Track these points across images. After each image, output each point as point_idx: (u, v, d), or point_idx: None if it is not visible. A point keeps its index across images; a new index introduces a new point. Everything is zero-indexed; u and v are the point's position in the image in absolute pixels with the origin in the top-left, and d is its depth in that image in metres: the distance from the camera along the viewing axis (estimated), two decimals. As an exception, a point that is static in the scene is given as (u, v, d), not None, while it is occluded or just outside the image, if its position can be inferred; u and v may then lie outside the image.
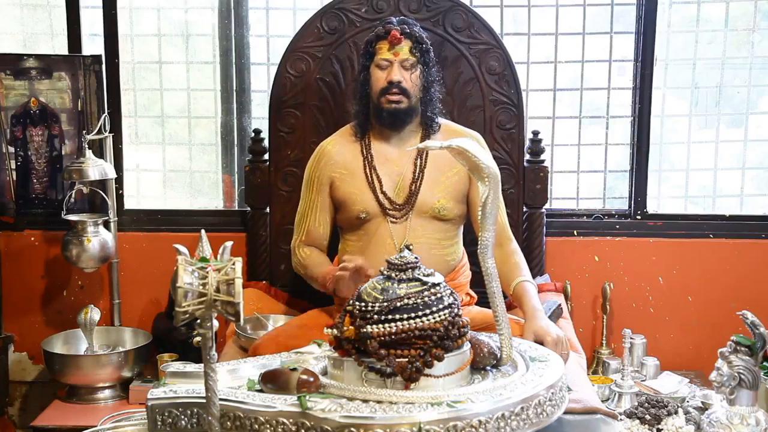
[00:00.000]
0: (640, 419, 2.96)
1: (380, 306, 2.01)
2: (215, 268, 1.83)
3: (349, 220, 2.86)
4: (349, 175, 2.84)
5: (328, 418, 1.88)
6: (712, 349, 2.90)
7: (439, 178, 2.83)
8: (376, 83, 2.79)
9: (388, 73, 2.77)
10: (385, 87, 2.77)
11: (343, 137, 2.92)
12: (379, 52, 2.78)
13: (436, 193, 2.81)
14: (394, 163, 2.84)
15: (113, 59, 3.61)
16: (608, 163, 3.70)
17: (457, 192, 2.84)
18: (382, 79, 2.77)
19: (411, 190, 2.81)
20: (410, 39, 2.77)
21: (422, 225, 2.80)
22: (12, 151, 3.61)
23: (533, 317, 2.54)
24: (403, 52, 2.77)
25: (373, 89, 2.80)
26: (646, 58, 3.53)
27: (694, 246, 3.57)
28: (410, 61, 2.77)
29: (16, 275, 3.67)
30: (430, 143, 2.24)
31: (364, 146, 2.86)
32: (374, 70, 2.80)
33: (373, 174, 2.83)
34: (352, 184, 2.83)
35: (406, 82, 2.76)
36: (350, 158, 2.86)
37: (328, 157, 2.88)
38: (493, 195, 2.15)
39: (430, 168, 2.83)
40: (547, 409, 2.01)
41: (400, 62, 2.77)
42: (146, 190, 3.80)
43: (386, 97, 2.77)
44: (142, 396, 2.98)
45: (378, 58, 2.79)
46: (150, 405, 2.05)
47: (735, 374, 2.74)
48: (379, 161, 2.84)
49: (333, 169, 2.86)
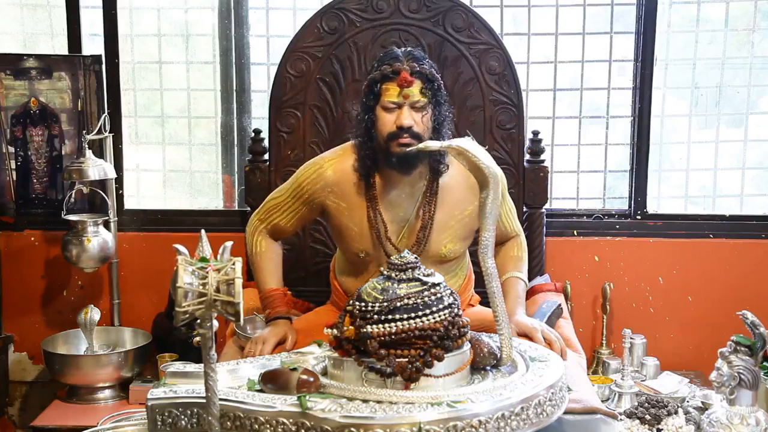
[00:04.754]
0: (640, 419, 2.96)
1: (380, 306, 2.01)
2: (215, 268, 1.83)
3: (348, 252, 2.72)
4: (348, 209, 2.65)
5: (328, 418, 1.88)
6: (712, 349, 2.90)
7: (449, 223, 2.64)
8: (383, 127, 2.52)
9: (398, 116, 2.49)
10: (394, 132, 2.50)
11: (346, 164, 2.65)
12: (386, 93, 2.50)
13: (443, 239, 2.64)
14: (400, 208, 2.64)
15: (113, 59, 3.61)
16: (608, 163, 3.69)
17: (467, 232, 2.69)
18: (391, 123, 2.50)
19: (418, 238, 2.62)
20: (421, 79, 2.50)
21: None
22: (12, 151, 3.61)
23: (511, 314, 2.53)
24: (413, 93, 2.49)
25: (380, 132, 2.54)
26: (646, 58, 3.53)
27: (694, 246, 3.57)
28: (421, 103, 2.50)
29: (16, 275, 3.67)
30: (431, 143, 2.24)
31: (368, 187, 2.63)
32: (381, 112, 2.53)
33: (378, 219, 2.62)
34: (351, 220, 2.65)
35: (417, 126, 2.50)
36: (351, 193, 2.64)
37: (326, 184, 2.65)
38: (493, 195, 2.15)
39: (440, 213, 2.63)
40: (547, 409, 2.01)
41: (411, 104, 2.50)
42: (146, 190, 3.80)
43: (397, 141, 2.50)
44: (142, 396, 2.98)
45: (385, 100, 2.51)
46: (150, 405, 2.05)
47: (735, 374, 2.74)
48: (384, 206, 2.63)
49: (330, 198, 2.66)
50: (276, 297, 2.71)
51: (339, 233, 2.71)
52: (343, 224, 2.67)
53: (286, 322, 2.65)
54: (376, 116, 2.55)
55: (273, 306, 2.69)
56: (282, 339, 2.57)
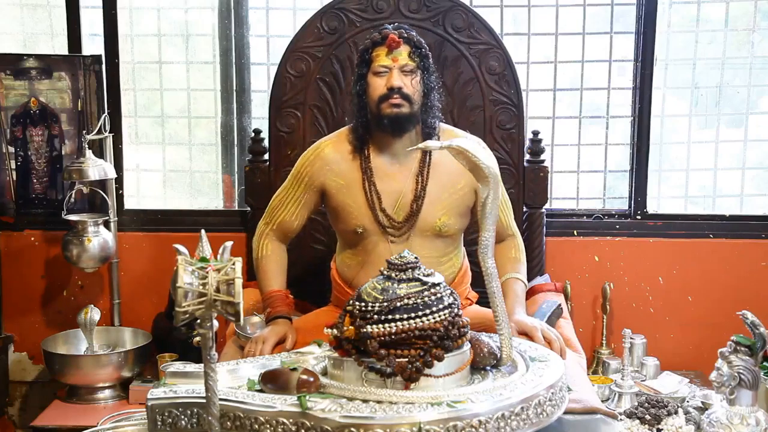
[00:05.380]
0: (640, 419, 2.96)
1: (380, 306, 2.01)
2: (215, 268, 1.83)
3: (346, 233, 2.77)
4: (346, 186, 2.72)
5: (328, 418, 1.88)
6: (712, 349, 2.90)
7: (442, 195, 2.70)
8: (374, 91, 2.65)
9: (388, 79, 2.62)
10: (385, 94, 2.62)
11: (342, 143, 2.77)
12: (377, 59, 2.64)
13: (437, 212, 2.70)
14: (394, 179, 2.71)
15: (113, 59, 3.61)
16: (608, 163, 3.69)
17: (462, 207, 2.74)
18: (382, 86, 2.63)
19: (412, 209, 2.69)
20: (408, 44, 2.64)
21: (422, 244, 2.69)
22: (12, 151, 3.61)
23: (511, 313, 2.56)
24: (402, 57, 2.62)
25: (372, 97, 2.65)
26: (646, 58, 3.53)
27: (694, 246, 3.57)
28: (410, 67, 2.63)
29: (16, 275, 3.67)
30: (431, 143, 2.24)
31: (363, 159, 2.72)
32: (372, 78, 2.65)
33: (372, 190, 2.70)
34: (349, 196, 2.72)
35: (407, 88, 2.62)
36: (348, 169, 2.73)
37: (324, 163, 2.74)
38: (493, 195, 2.15)
39: (432, 185, 2.70)
40: (547, 409, 2.01)
41: (400, 68, 2.62)
42: (146, 190, 3.80)
43: (387, 102, 2.62)
44: (142, 396, 2.98)
45: (376, 65, 2.64)
46: (150, 405, 2.05)
47: (735, 374, 2.74)
48: (378, 176, 2.71)
49: (328, 177, 2.73)
50: (277, 297, 2.72)
51: (337, 213, 2.76)
52: (341, 202, 2.73)
53: (286, 322, 2.65)
54: (367, 83, 2.67)
55: (273, 306, 2.70)
56: (282, 338, 2.58)
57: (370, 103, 2.68)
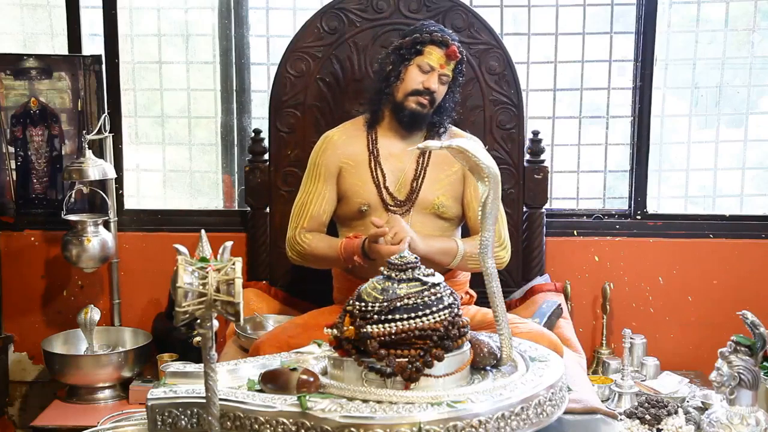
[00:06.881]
0: (640, 419, 2.96)
1: (380, 306, 2.01)
2: (215, 268, 1.83)
3: (349, 213, 2.88)
4: (355, 166, 2.86)
5: (328, 418, 1.88)
6: (712, 349, 2.90)
7: (439, 176, 2.86)
8: (411, 81, 2.79)
9: (428, 78, 2.78)
10: (418, 90, 2.78)
11: (349, 129, 2.93)
12: (429, 55, 2.77)
13: (435, 190, 2.85)
14: (398, 159, 2.86)
15: (113, 59, 3.61)
16: (608, 163, 3.69)
17: (455, 191, 2.88)
18: (419, 81, 2.78)
19: (412, 187, 2.85)
20: (458, 60, 2.81)
21: (422, 222, 2.82)
22: (12, 151, 3.61)
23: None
24: (448, 67, 2.79)
25: (404, 86, 2.80)
26: (646, 58, 3.53)
27: (694, 246, 3.57)
28: (447, 78, 2.81)
29: (16, 275, 3.67)
30: (431, 143, 2.24)
31: (371, 140, 2.88)
32: (413, 68, 2.79)
33: (378, 168, 2.85)
34: (357, 176, 2.86)
35: (437, 94, 2.80)
36: (356, 150, 2.88)
37: (335, 147, 2.89)
38: (493, 195, 2.15)
39: (432, 166, 2.86)
40: (547, 409, 2.01)
41: (440, 74, 2.79)
42: (146, 190, 3.80)
43: (417, 98, 2.79)
44: (142, 396, 2.98)
45: (425, 61, 2.78)
46: (150, 405, 2.05)
47: (735, 374, 2.74)
48: (383, 156, 2.87)
49: (340, 159, 2.87)
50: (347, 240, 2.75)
51: (345, 192, 2.87)
52: (349, 182, 2.86)
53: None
54: (405, 70, 2.79)
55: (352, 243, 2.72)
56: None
57: (398, 89, 2.81)
